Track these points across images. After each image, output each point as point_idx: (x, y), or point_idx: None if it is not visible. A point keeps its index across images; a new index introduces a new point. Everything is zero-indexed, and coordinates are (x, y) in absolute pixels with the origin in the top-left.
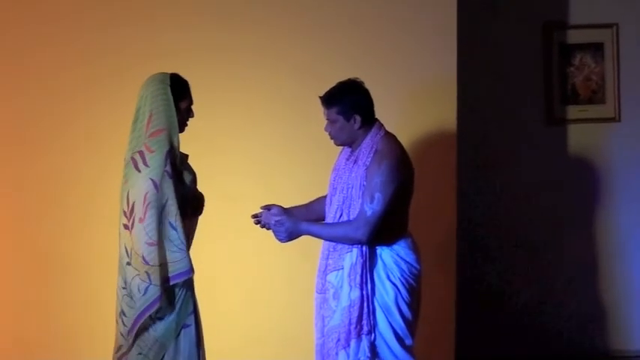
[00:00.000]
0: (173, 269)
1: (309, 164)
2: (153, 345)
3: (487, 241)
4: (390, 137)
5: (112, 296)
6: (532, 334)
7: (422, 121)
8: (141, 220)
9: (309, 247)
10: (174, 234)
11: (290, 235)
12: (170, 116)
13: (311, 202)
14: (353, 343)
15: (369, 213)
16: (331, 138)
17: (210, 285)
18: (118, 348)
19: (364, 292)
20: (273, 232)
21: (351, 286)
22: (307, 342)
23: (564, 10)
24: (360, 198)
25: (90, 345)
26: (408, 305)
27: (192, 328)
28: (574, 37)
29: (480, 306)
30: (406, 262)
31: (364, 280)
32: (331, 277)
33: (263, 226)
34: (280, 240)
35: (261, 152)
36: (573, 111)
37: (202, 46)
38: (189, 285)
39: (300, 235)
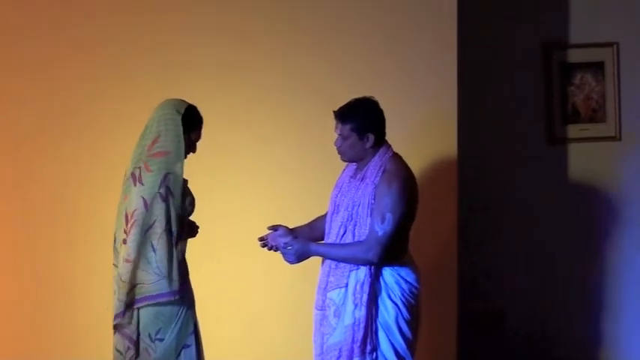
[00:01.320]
0: (145, 290)
1: (315, 182)
2: None
3: (488, 260)
4: (398, 158)
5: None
6: (533, 351)
7: (422, 141)
8: (127, 236)
9: (311, 265)
10: (153, 256)
11: (299, 257)
12: (177, 142)
13: (314, 221)
14: None
15: (380, 233)
16: (340, 153)
17: (212, 304)
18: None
19: (369, 311)
20: (282, 254)
21: (356, 305)
22: (303, 356)
23: (564, 30)
24: (367, 216)
25: (86, 352)
26: (409, 324)
27: (193, 348)
28: (574, 56)
29: (480, 325)
30: (407, 281)
31: (371, 299)
32: (333, 294)
33: (270, 249)
34: (289, 262)
35: (267, 170)
36: (574, 130)
37: (208, 63)
38: (189, 305)
39: (309, 257)
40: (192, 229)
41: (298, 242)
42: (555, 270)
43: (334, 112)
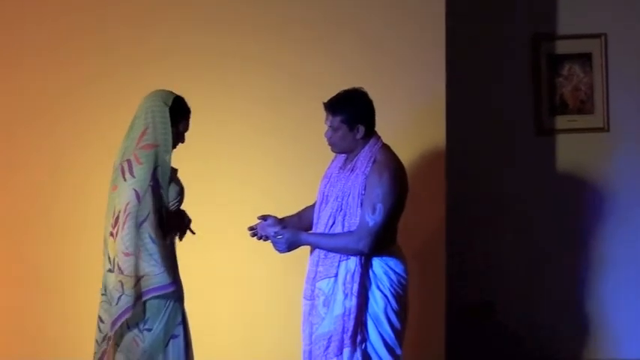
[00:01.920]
0: (151, 282)
1: (306, 171)
2: (141, 356)
3: (477, 251)
4: (388, 149)
5: (96, 303)
6: (521, 343)
7: (411, 132)
8: (121, 230)
9: (298, 255)
10: (154, 247)
11: (290, 246)
12: (165, 134)
13: (302, 211)
14: (346, 351)
15: (371, 224)
16: (330, 144)
17: (201, 293)
18: (94, 354)
19: (360, 301)
20: (273, 243)
21: (346, 295)
22: (296, 349)
23: (552, 21)
24: (358, 207)
25: (75, 352)
26: (397, 315)
27: (181, 338)
28: (562, 47)
29: (470, 317)
30: (395, 272)
31: (361, 289)
32: (322, 284)
33: (260, 238)
34: (280, 251)
35: (259, 159)
36: (562, 121)
37: (201, 51)
38: (178, 295)
39: (299, 246)
40: (182, 221)
41: (289, 231)
42: (544, 261)
43: (324, 103)
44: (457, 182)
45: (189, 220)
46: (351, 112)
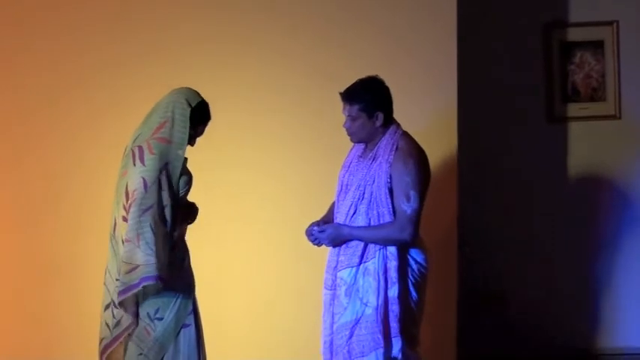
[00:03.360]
0: (144, 271)
1: (322, 162)
2: (153, 345)
3: (488, 239)
4: (408, 136)
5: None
6: (533, 332)
7: (423, 120)
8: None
9: (309, 246)
10: (152, 238)
11: (333, 240)
12: (182, 133)
13: (330, 210)
14: (395, 340)
15: (409, 212)
16: (349, 134)
17: (212, 282)
18: (101, 340)
19: (401, 288)
20: (316, 237)
21: (388, 284)
22: (306, 339)
23: (564, 8)
24: (384, 195)
25: (81, 344)
26: (416, 304)
27: (192, 327)
28: (574, 34)
29: (480, 306)
30: (416, 261)
31: (400, 277)
32: (343, 273)
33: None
34: (325, 244)
35: (273, 149)
36: (574, 109)
37: (219, 40)
38: (188, 285)
39: (342, 240)
40: (191, 212)
41: (331, 226)
42: (555, 250)
43: (341, 93)
44: (469, 171)
45: (197, 210)
46: (369, 99)
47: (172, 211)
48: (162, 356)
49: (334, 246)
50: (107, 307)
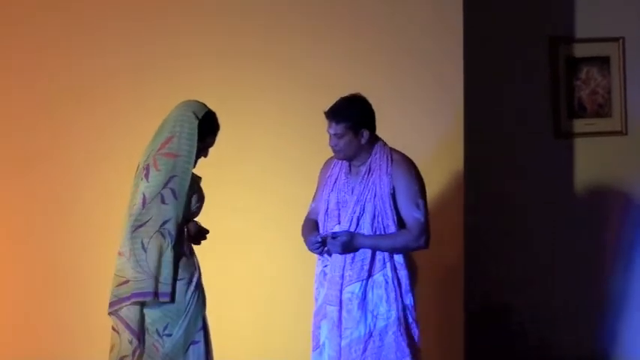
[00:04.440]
0: (135, 287)
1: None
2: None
3: (494, 253)
4: (396, 150)
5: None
6: (539, 344)
7: (430, 134)
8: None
9: (309, 256)
10: (143, 255)
11: (345, 249)
12: (190, 146)
13: (307, 229)
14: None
15: (422, 219)
16: (335, 152)
17: (217, 294)
18: (112, 346)
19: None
20: (328, 244)
21: (397, 292)
22: (307, 346)
23: (570, 24)
24: (389, 207)
25: (91, 349)
26: (414, 307)
27: (201, 344)
28: (580, 50)
29: (486, 319)
30: (415, 266)
31: (410, 284)
32: (353, 288)
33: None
34: (335, 252)
35: (274, 165)
36: (580, 124)
37: (223, 54)
38: (198, 301)
39: (354, 248)
40: (200, 234)
41: (345, 234)
42: (561, 263)
43: (326, 112)
44: (475, 184)
45: (205, 233)
46: (355, 118)
47: (177, 225)
48: None
49: (342, 254)
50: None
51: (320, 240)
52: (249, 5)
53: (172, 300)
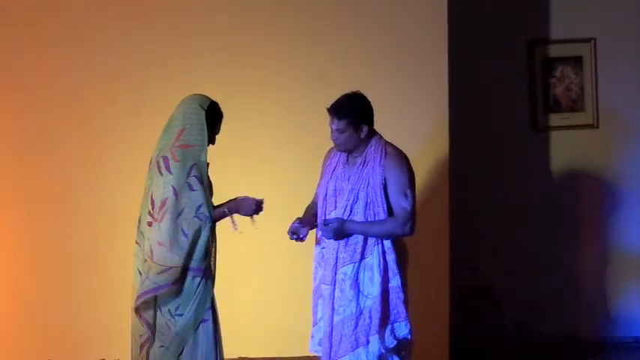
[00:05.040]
0: (175, 274)
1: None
2: (173, 339)
3: (478, 239)
4: (391, 143)
5: (125, 292)
6: (520, 323)
7: (418, 129)
8: (157, 220)
9: (309, 251)
10: (185, 241)
11: (337, 234)
12: (202, 135)
13: (311, 210)
14: (399, 326)
15: (409, 208)
16: (337, 145)
17: (227, 283)
18: (137, 337)
19: (402, 278)
20: (321, 231)
21: (383, 273)
22: (307, 332)
23: (546, 27)
24: (381, 195)
25: (106, 338)
26: (401, 288)
27: (210, 323)
28: (555, 51)
29: (471, 298)
30: (405, 250)
31: (398, 267)
32: (346, 269)
33: (296, 239)
34: (327, 238)
35: (278, 159)
36: (555, 119)
37: (230, 53)
38: (207, 282)
39: (345, 234)
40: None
41: (336, 221)
42: (540, 248)
43: (328, 109)
44: (460, 175)
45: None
46: (356, 114)
47: (209, 208)
48: (182, 349)
49: (335, 239)
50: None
51: (297, 227)
52: (252, 6)
53: (203, 276)
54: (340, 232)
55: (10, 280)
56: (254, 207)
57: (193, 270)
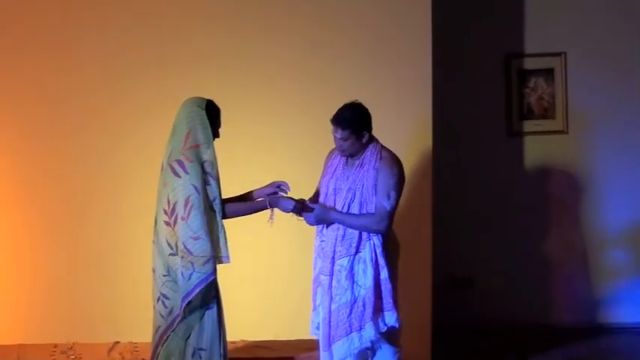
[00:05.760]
0: (214, 262)
1: (320, 160)
2: (182, 324)
3: (459, 233)
4: (387, 149)
5: (146, 282)
6: (496, 310)
7: (404, 133)
8: (183, 219)
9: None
10: (221, 230)
11: (318, 220)
12: (206, 133)
13: (315, 195)
14: (388, 314)
15: (388, 208)
16: (341, 150)
17: (230, 272)
18: (157, 328)
19: (390, 270)
20: (303, 216)
21: (375, 267)
22: (304, 319)
23: (521, 42)
24: (373, 195)
25: (130, 322)
26: (395, 280)
27: (215, 309)
28: (529, 64)
29: (452, 287)
30: (397, 245)
31: (386, 261)
32: (343, 261)
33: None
34: (309, 223)
35: (282, 152)
36: (529, 125)
37: (234, 54)
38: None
39: (327, 221)
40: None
41: (319, 207)
42: (516, 240)
43: (332, 120)
44: (442, 175)
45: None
46: (357, 124)
47: (221, 200)
48: (190, 333)
49: (316, 224)
50: (158, 299)
51: (294, 204)
52: (254, 12)
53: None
54: (322, 219)
55: (39, 262)
56: (292, 205)
57: (224, 258)
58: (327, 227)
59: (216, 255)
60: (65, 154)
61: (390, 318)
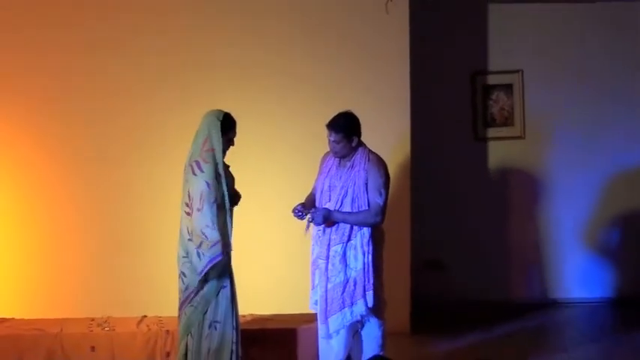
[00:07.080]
0: (221, 245)
1: (316, 160)
2: (200, 300)
3: (431, 220)
4: (374, 152)
5: (169, 265)
6: (465, 289)
7: (385, 140)
8: (199, 210)
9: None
10: (230, 220)
11: (325, 220)
12: (219, 141)
13: (309, 199)
14: (369, 294)
15: (381, 203)
16: (334, 152)
17: (242, 254)
18: (179, 300)
19: (374, 256)
20: (312, 216)
21: (364, 253)
22: (304, 296)
23: (485, 61)
24: (364, 192)
25: (156, 299)
26: (379, 264)
27: (228, 288)
28: (492, 79)
29: (425, 269)
30: (383, 234)
31: (373, 248)
32: (337, 248)
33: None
34: (317, 224)
35: (280, 150)
36: (492, 131)
37: (241, 64)
38: (227, 254)
39: (331, 220)
40: (237, 199)
41: (324, 209)
42: (481, 228)
43: (327, 125)
44: (418, 174)
45: (239, 196)
46: (349, 129)
47: (229, 199)
48: (207, 308)
49: (323, 224)
50: (179, 277)
51: (301, 209)
52: (258, 25)
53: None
54: (327, 218)
55: (78, 247)
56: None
57: (227, 245)
58: None
59: (223, 241)
60: (100, 150)
61: (371, 297)
